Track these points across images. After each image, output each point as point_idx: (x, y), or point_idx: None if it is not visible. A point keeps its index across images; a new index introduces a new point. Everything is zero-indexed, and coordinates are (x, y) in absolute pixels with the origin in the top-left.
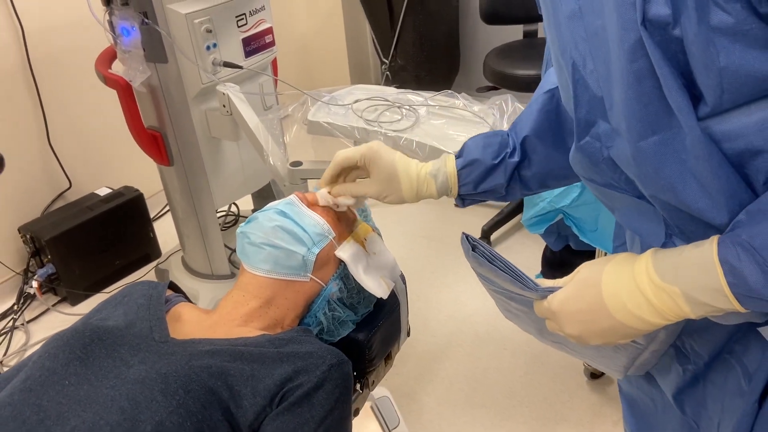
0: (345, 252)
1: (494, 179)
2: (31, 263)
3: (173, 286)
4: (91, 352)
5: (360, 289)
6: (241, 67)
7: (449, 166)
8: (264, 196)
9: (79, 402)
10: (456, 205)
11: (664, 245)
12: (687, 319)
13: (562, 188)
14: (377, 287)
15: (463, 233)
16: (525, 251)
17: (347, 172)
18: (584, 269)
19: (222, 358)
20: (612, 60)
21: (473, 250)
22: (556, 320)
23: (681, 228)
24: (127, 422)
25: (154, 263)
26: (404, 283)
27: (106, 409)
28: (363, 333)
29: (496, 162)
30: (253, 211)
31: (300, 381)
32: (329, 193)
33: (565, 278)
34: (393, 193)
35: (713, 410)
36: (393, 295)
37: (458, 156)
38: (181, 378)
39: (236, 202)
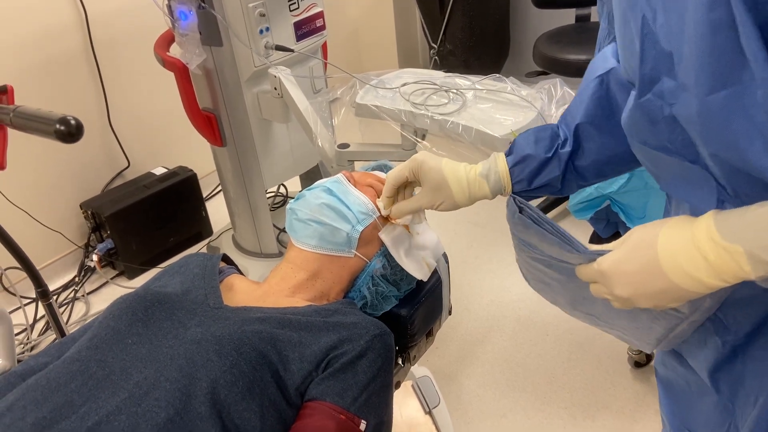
0: (387, 234)
1: (549, 173)
2: (91, 238)
3: (226, 259)
4: (152, 315)
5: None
6: (292, 51)
7: (500, 164)
8: (311, 177)
9: (141, 359)
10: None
11: None
12: (732, 288)
13: None
14: (418, 269)
15: (511, 195)
16: None
17: (403, 188)
18: (637, 232)
19: (272, 325)
20: (688, 10)
21: (520, 212)
22: (605, 282)
23: (737, 191)
24: (184, 379)
25: (205, 241)
26: (447, 262)
27: (165, 366)
28: (405, 308)
29: (550, 155)
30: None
31: (345, 349)
32: (389, 218)
33: (615, 242)
34: (445, 200)
35: (751, 387)
36: (435, 273)
37: (508, 154)
38: (234, 341)
39: (285, 183)
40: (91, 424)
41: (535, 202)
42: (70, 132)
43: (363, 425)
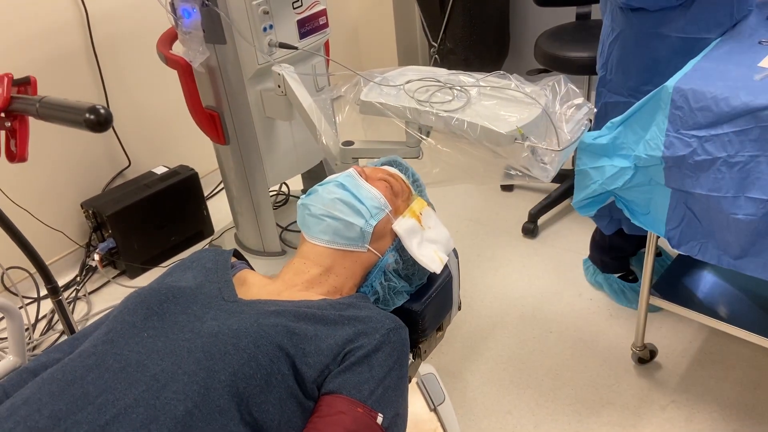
0: (401, 226)
1: None
2: (92, 237)
3: (237, 254)
4: (167, 309)
5: (415, 262)
6: (296, 48)
7: None
8: (313, 177)
9: (158, 352)
10: None
11: None
12: None
13: (615, 170)
14: (431, 261)
15: None
16: (572, 236)
17: None
18: None
19: (287, 318)
20: None
21: None
22: None
23: None
24: (202, 372)
25: (207, 240)
26: (457, 257)
27: (183, 359)
28: (416, 303)
29: None
30: (303, 191)
31: (361, 343)
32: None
33: None
34: None
35: None
36: (446, 268)
37: None
38: (251, 334)
39: (287, 182)
40: (109, 417)
41: (537, 199)
42: (99, 121)
43: (380, 418)
